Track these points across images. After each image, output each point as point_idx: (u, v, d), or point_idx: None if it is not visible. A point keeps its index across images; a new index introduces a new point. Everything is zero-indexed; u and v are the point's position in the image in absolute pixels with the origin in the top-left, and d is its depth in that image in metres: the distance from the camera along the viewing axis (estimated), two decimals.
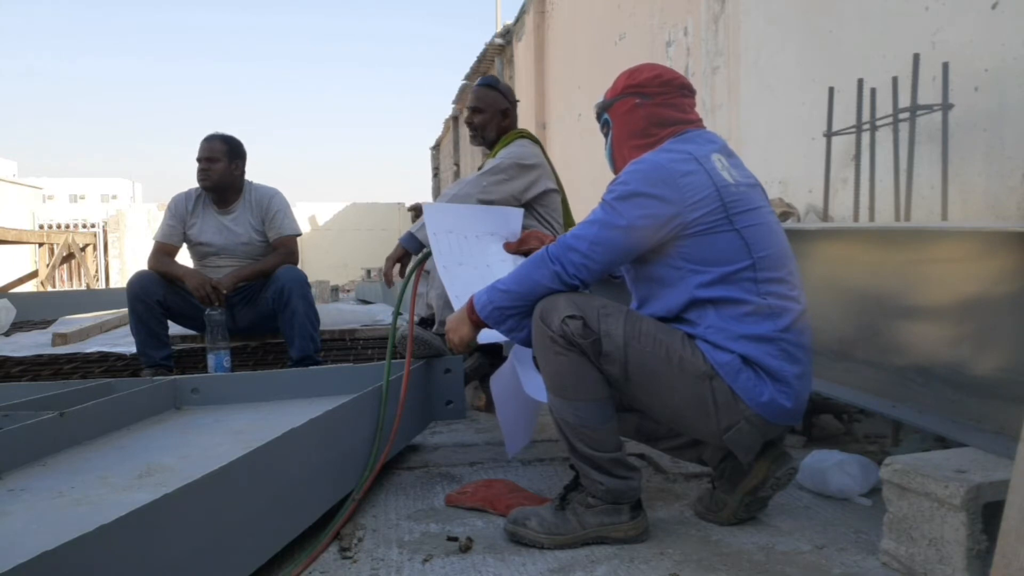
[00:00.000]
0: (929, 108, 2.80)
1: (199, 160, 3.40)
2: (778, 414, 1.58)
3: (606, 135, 1.84)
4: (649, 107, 1.73)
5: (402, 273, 2.53)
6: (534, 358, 1.70)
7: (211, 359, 3.08)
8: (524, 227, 2.84)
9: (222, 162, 3.38)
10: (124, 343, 4.05)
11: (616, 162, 1.80)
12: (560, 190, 2.93)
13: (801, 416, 1.66)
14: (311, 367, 2.90)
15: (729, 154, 1.71)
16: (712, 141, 1.71)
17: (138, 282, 3.23)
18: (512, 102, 2.96)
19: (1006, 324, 1.65)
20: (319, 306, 3.65)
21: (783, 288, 1.61)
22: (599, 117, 1.85)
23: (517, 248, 2.27)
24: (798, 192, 4.00)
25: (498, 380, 2.02)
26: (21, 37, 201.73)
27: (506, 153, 2.74)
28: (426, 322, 2.63)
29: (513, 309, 1.66)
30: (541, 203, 2.81)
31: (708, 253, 1.58)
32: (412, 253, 2.52)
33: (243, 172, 3.49)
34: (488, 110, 2.90)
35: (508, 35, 11.43)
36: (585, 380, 1.60)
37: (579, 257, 1.61)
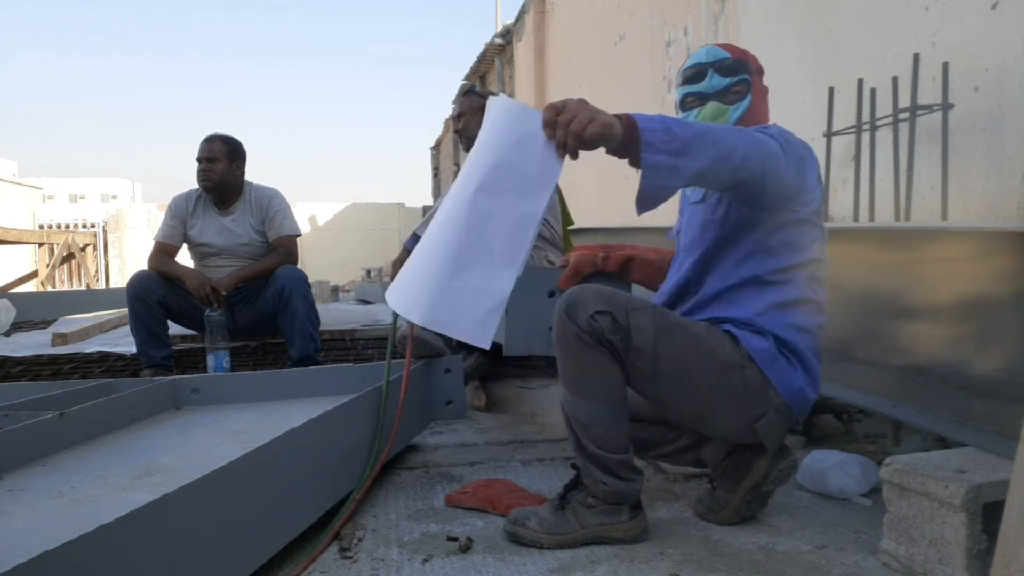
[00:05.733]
0: (929, 108, 2.79)
1: (199, 161, 3.40)
2: (802, 404, 1.63)
3: (739, 93, 1.69)
4: (765, 99, 1.76)
5: None
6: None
7: (211, 359, 3.08)
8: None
9: (222, 162, 3.39)
10: (124, 343, 4.05)
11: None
12: (555, 187, 2.95)
13: (805, 415, 1.69)
14: (311, 367, 2.90)
15: None
16: None
17: (138, 282, 3.23)
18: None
19: (1006, 324, 1.65)
20: (319, 306, 3.65)
21: (825, 294, 1.67)
22: (735, 72, 1.68)
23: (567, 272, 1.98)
24: None
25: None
26: (22, 36, 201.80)
27: None
28: None
29: (683, 154, 1.34)
30: None
31: (794, 238, 1.60)
32: None
33: (243, 172, 3.50)
34: (468, 111, 3.14)
35: (508, 35, 11.41)
36: (607, 378, 1.58)
37: (770, 144, 1.50)
